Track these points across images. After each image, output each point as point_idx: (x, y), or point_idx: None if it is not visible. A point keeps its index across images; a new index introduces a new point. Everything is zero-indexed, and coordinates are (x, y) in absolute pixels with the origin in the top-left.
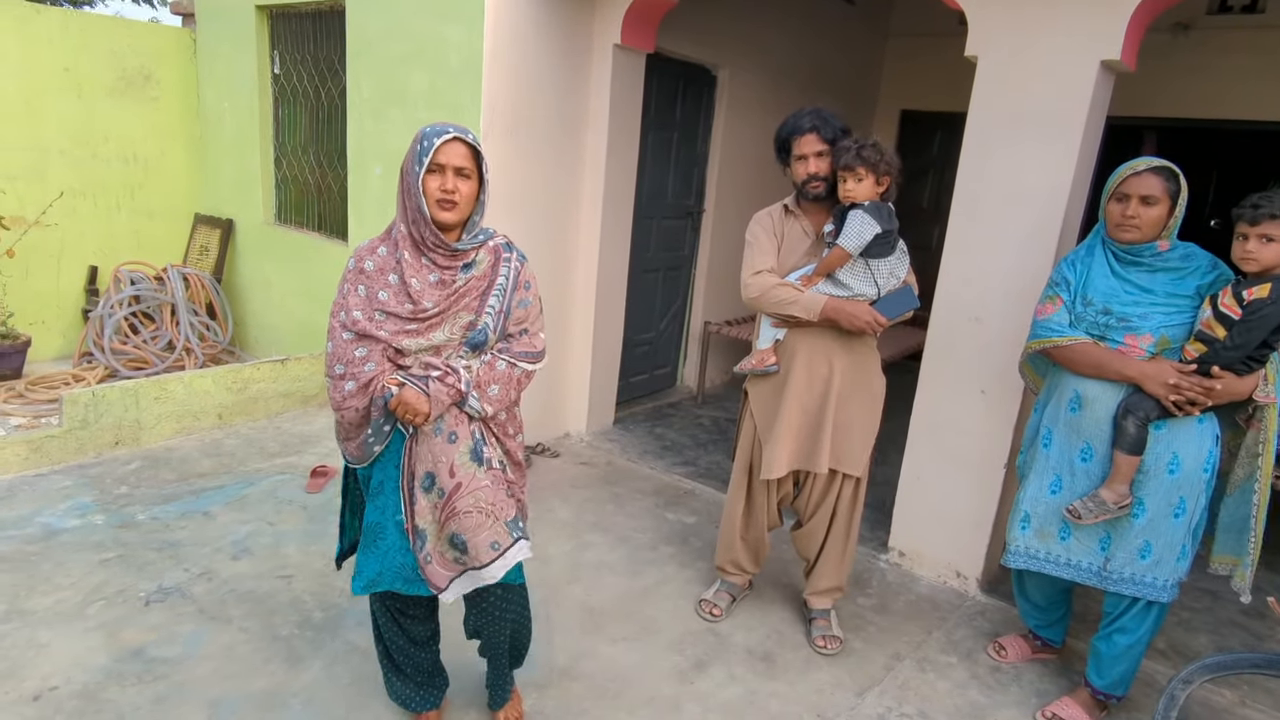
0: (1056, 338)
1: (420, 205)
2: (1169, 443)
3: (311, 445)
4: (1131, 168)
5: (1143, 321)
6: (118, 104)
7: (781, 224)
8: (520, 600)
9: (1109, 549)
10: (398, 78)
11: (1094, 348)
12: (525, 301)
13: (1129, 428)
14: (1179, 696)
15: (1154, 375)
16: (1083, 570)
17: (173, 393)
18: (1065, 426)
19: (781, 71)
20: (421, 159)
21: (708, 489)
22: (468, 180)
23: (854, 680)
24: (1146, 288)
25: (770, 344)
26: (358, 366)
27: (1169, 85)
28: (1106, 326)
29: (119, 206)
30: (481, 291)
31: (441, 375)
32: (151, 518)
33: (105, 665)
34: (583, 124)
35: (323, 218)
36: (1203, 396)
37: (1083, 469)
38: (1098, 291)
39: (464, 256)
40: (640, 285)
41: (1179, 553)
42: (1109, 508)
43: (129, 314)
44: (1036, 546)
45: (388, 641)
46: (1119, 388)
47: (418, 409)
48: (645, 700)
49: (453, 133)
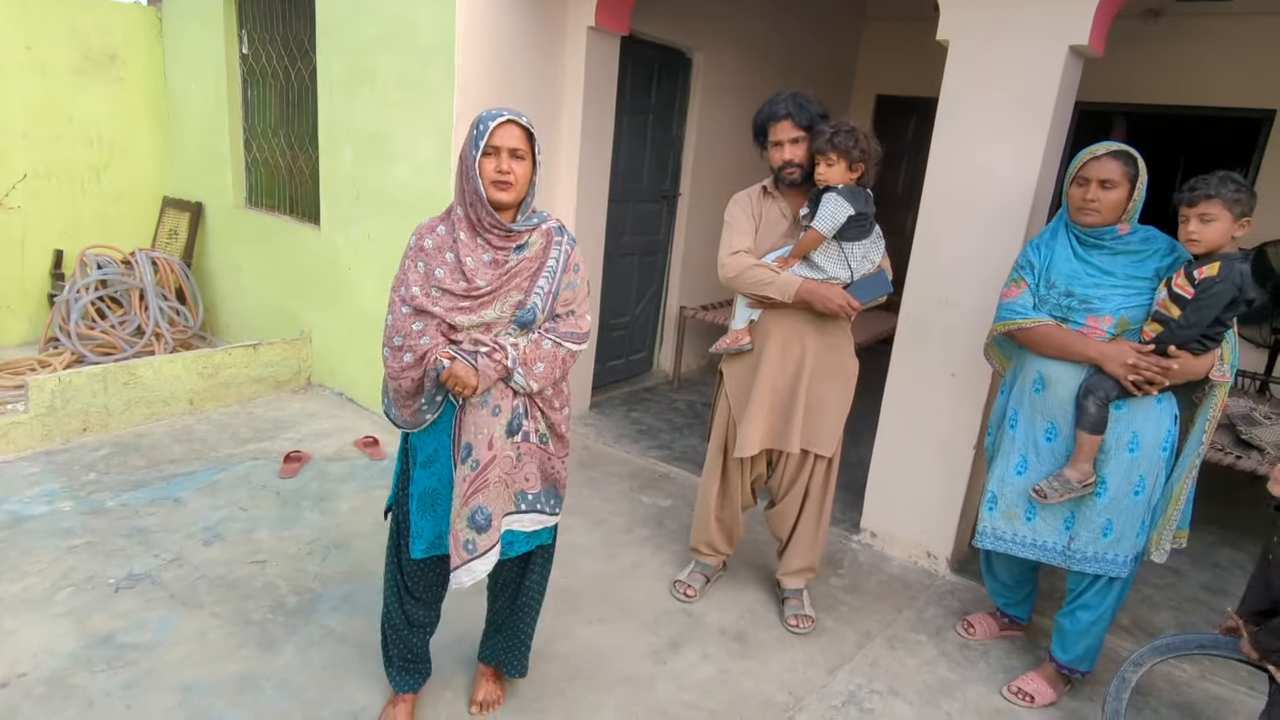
0: (1021, 320)
1: (478, 188)
2: (1128, 422)
3: (285, 430)
4: (1091, 152)
5: (1103, 303)
6: (81, 84)
7: (759, 205)
8: (550, 561)
9: (1073, 528)
10: (368, 59)
11: (1056, 329)
12: (573, 284)
13: (1090, 407)
14: (1130, 679)
15: (1113, 356)
16: (1049, 550)
17: (142, 378)
18: (1030, 407)
19: (758, 54)
20: (478, 143)
21: (683, 472)
22: (522, 161)
23: (826, 658)
24: (1107, 270)
25: (745, 324)
26: (415, 339)
27: (1139, 71)
28: (1069, 309)
29: (84, 189)
30: (532, 273)
31: (490, 351)
32: (121, 504)
33: (74, 651)
34: (557, 107)
35: (294, 201)
36: (1160, 376)
37: (1047, 449)
38: (1060, 274)
39: (518, 238)
40: (616, 270)
41: (1138, 529)
42: (1073, 486)
43: (96, 299)
44: (1004, 528)
45: (386, 617)
46: (1081, 368)
47: (466, 382)
48: (620, 680)
49: (507, 115)
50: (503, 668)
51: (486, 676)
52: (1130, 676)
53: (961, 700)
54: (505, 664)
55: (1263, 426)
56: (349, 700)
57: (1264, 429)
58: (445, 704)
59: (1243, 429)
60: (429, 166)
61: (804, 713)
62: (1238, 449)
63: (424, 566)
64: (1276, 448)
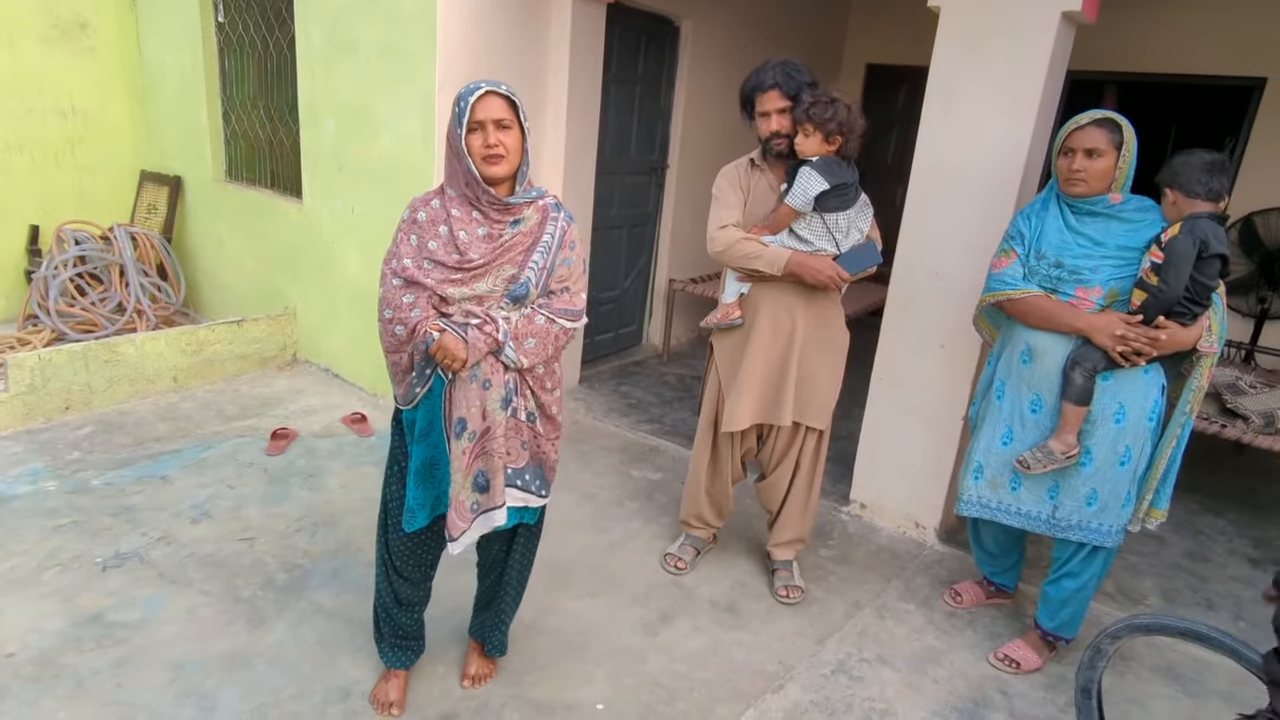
0: (1010, 291)
1: (469, 167)
2: (1115, 393)
3: (271, 407)
4: (1076, 122)
5: (1093, 274)
6: (51, 54)
7: (747, 178)
8: (535, 542)
9: (1057, 497)
10: (348, 27)
11: (1045, 300)
12: (568, 260)
13: (1076, 379)
14: (1106, 650)
15: (1102, 327)
16: (1033, 519)
17: (124, 356)
18: (1017, 378)
19: (746, 22)
20: (461, 120)
21: (673, 445)
22: (509, 131)
23: (815, 628)
24: (1099, 240)
25: (735, 298)
26: (405, 312)
27: (1130, 40)
28: (1058, 279)
29: (58, 163)
30: (527, 247)
31: (480, 324)
32: (106, 483)
33: (63, 630)
34: (542, 77)
35: (275, 174)
36: (1148, 347)
37: (1033, 420)
38: (1050, 245)
39: (514, 212)
40: (604, 242)
41: (1124, 499)
42: (1056, 458)
43: (75, 275)
44: (989, 496)
45: (377, 596)
46: (1069, 340)
47: (456, 354)
48: (610, 653)
49: (486, 87)
50: (485, 645)
51: (478, 652)
52: (1106, 648)
53: (949, 668)
54: (487, 642)
55: (1248, 395)
56: (341, 675)
57: (1249, 398)
58: (438, 678)
59: (1228, 398)
60: (413, 138)
61: (794, 682)
62: (1223, 418)
63: (411, 546)
64: (1261, 416)
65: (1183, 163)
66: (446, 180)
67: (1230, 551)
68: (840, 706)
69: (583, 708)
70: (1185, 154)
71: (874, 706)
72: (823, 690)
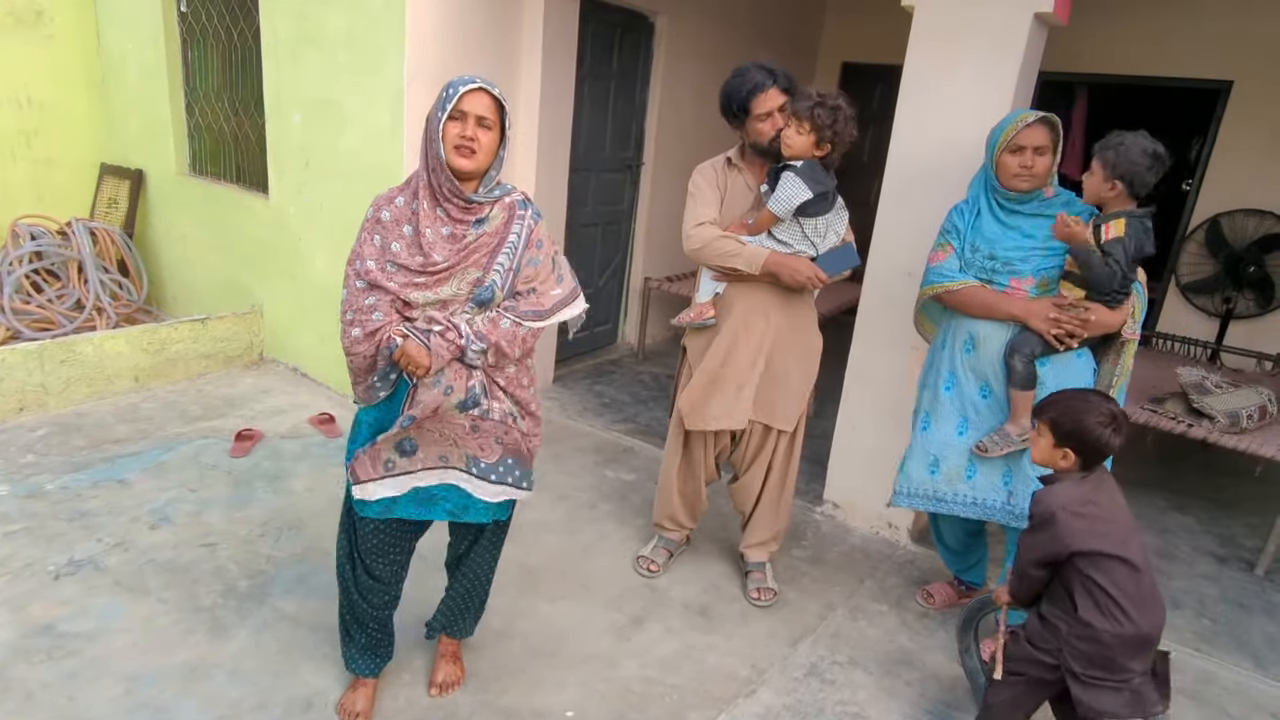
0: (948, 283)
1: (439, 151)
2: (1054, 377)
3: (236, 408)
4: (1022, 120)
5: (1024, 265)
6: (5, 42)
7: (724, 176)
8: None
9: (1011, 484)
10: (314, 18)
11: (982, 290)
12: (535, 260)
13: (1017, 365)
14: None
15: (1036, 311)
16: (990, 508)
17: (82, 355)
18: (963, 368)
19: (722, 18)
20: (444, 105)
21: (647, 446)
22: (488, 131)
23: (788, 631)
24: (1029, 233)
25: (710, 297)
26: (365, 315)
27: (1100, 42)
28: (993, 271)
29: (14, 155)
30: (492, 249)
31: (443, 331)
32: (61, 487)
33: (11, 642)
34: (514, 73)
35: (241, 169)
36: (1080, 328)
37: (985, 406)
38: (984, 239)
39: (478, 210)
40: (578, 240)
41: None
42: (1013, 440)
43: (30, 271)
44: (945, 489)
45: (343, 600)
46: (1007, 327)
47: (420, 361)
48: (582, 658)
49: (480, 83)
50: (450, 630)
51: (445, 658)
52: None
53: (921, 669)
54: (452, 626)
55: (1214, 395)
56: (304, 685)
57: (1215, 397)
58: (403, 686)
59: (1195, 398)
60: (382, 132)
61: (766, 686)
62: (1190, 417)
63: (379, 542)
64: (1227, 416)
65: (1130, 159)
66: (420, 165)
67: (1195, 549)
68: (812, 710)
69: (553, 715)
70: (1132, 140)
71: (846, 710)
72: (795, 694)
